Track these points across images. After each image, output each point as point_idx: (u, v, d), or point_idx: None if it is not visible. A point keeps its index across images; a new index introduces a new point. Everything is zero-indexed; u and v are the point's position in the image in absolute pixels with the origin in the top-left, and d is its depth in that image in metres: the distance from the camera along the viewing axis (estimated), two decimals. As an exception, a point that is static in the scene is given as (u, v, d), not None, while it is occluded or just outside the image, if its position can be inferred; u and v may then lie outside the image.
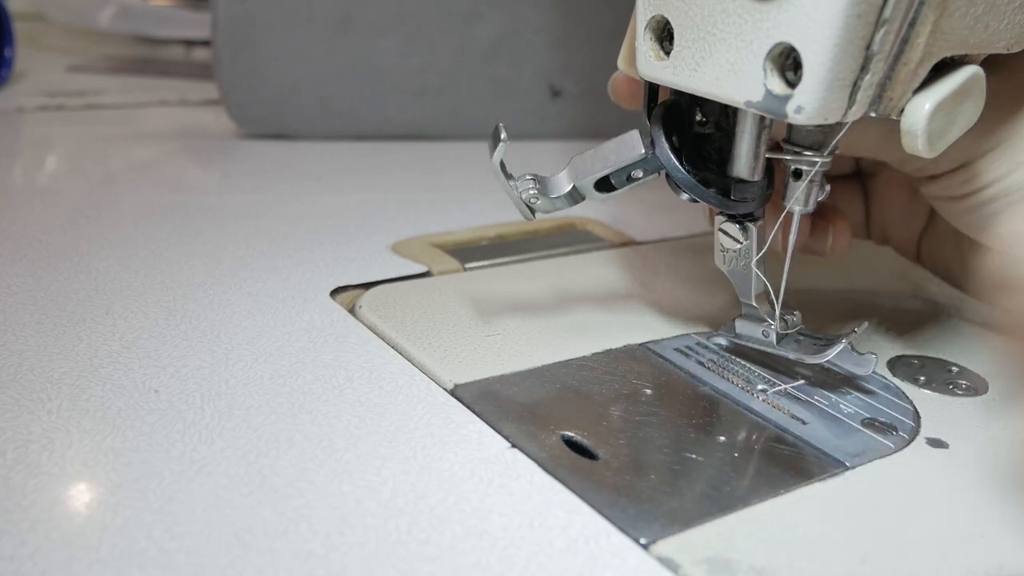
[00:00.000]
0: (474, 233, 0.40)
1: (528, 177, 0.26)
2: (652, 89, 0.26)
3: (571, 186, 0.26)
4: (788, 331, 0.28)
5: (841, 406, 0.27)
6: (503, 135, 0.25)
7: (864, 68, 0.20)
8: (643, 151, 0.25)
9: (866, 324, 0.28)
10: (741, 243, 0.27)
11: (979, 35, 0.22)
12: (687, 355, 0.29)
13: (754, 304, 0.28)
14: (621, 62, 0.26)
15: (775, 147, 0.25)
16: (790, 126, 0.25)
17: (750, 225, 0.27)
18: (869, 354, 0.26)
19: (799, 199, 0.25)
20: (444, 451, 0.23)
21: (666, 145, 0.25)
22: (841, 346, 0.26)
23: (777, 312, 0.27)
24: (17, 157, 0.50)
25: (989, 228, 0.28)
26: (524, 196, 0.26)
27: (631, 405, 0.26)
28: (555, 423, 0.25)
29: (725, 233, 0.27)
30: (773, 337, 0.27)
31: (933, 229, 0.33)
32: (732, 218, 0.27)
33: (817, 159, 0.24)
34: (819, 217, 0.31)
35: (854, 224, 0.34)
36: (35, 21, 0.92)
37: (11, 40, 0.66)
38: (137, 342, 0.27)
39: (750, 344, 0.28)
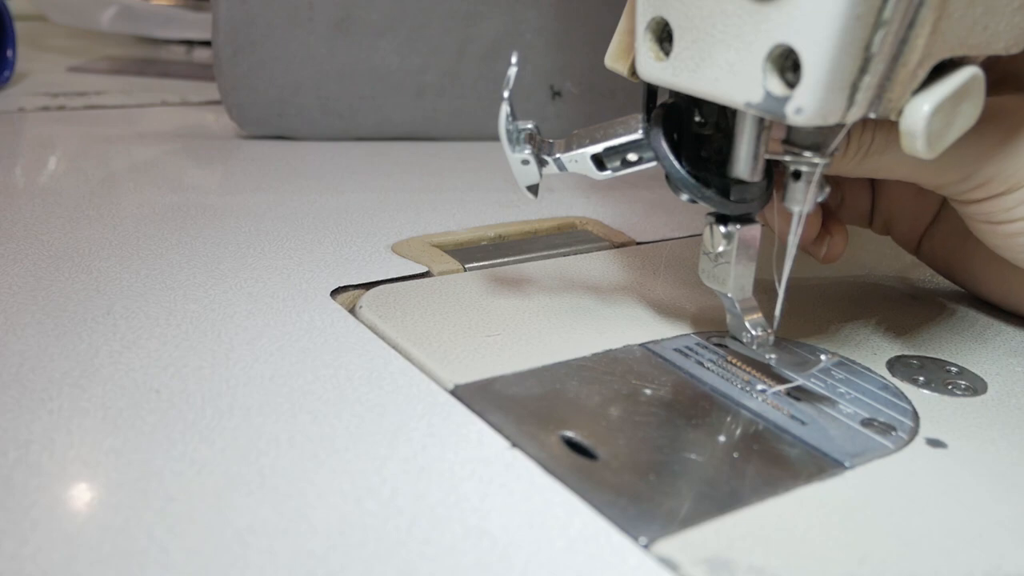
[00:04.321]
0: (474, 233, 0.40)
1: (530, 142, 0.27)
2: (650, 90, 0.26)
3: (567, 155, 0.27)
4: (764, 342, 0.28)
5: (840, 406, 0.27)
6: (513, 60, 0.26)
7: (863, 69, 0.20)
8: (639, 134, 0.26)
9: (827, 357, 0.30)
10: (718, 249, 0.27)
11: (978, 36, 0.22)
12: (687, 355, 0.29)
13: (737, 308, 0.27)
14: (608, 59, 0.26)
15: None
16: (789, 127, 0.25)
17: (734, 232, 0.26)
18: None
19: (799, 200, 0.25)
20: (444, 451, 0.23)
21: (665, 145, 0.25)
22: (821, 363, 0.28)
23: (777, 315, 0.27)
24: (18, 157, 0.50)
25: None
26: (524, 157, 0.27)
27: (631, 405, 0.26)
28: (555, 423, 0.25)
29: (710, 232, 0.27)
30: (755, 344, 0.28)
31: (939, 227, 0.33)
32: (721, 220, 0.27)
33: (817, 160, 0.25)
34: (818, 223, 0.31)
35: (859, 213, 0.34)
36: (37, 22, 0.92)
37: (13, 41, 0.66)
38: (138, 342, 0.28)
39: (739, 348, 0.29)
